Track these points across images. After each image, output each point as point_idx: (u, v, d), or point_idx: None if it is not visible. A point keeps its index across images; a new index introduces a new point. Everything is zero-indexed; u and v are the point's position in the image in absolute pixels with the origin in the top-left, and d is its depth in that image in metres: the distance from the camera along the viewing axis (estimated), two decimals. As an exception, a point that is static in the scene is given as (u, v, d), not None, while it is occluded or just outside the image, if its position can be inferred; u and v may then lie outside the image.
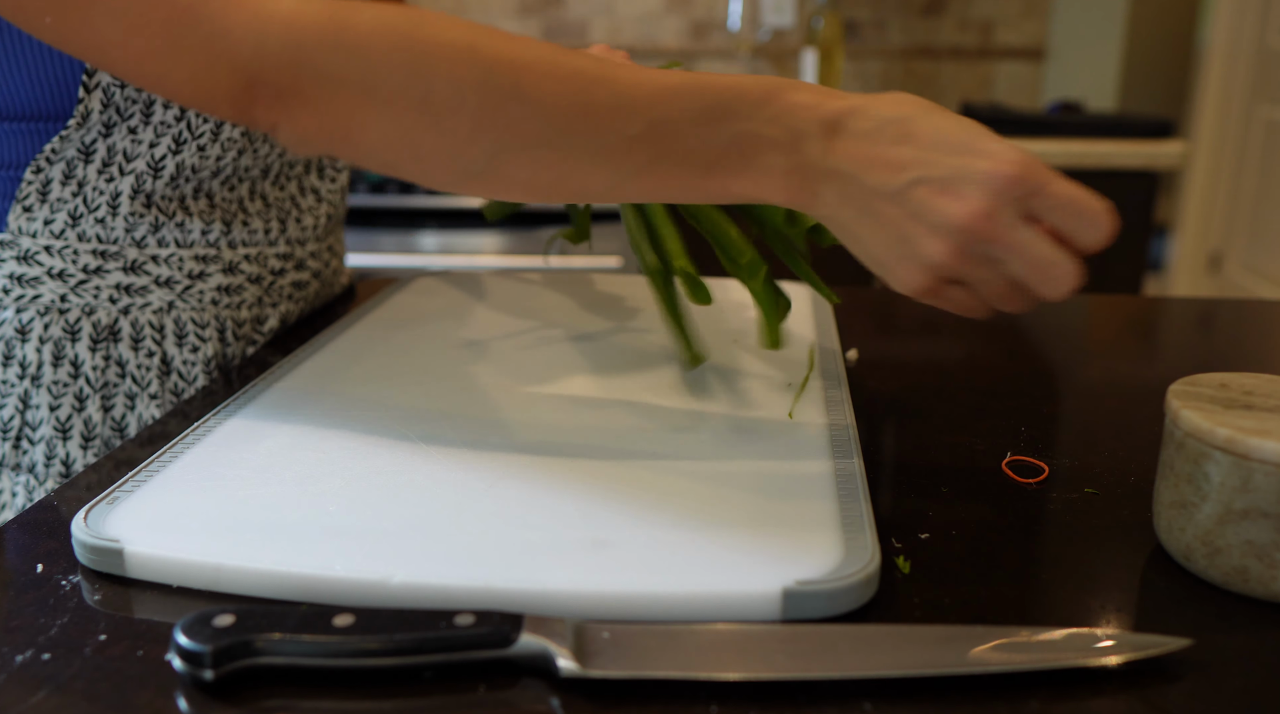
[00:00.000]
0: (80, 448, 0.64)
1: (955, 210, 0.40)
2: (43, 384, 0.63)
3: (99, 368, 0.63)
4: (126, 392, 0.64)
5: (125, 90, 0.58)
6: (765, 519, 0.42)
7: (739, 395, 0.57)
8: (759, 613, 0.37)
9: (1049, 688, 0.33)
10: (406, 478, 0.46)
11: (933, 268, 0.42)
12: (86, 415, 0.64)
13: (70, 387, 0.63)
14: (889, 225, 0.42)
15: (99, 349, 0.63)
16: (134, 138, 0.60)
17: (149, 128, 0.60)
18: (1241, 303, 0.86)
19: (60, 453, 0.64)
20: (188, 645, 0.33)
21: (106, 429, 0.64)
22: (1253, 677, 0.34)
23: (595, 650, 0.34)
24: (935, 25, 2.32)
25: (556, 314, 0.74)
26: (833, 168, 0.43)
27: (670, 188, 0.45)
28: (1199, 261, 3.14)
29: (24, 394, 0.63)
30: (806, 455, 0.48)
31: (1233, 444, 0.38)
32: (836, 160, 0.43)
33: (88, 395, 0.64)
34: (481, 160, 0.44)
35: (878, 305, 0.86)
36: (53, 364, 0.63)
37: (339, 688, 0.33)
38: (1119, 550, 0.43)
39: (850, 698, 0.33)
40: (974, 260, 0.42)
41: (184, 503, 0.43)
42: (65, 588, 0.39)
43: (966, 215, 0.40)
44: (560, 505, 0.43)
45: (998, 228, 0.40)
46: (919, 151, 0.42)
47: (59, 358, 0.63)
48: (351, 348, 0.65)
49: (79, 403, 0.64)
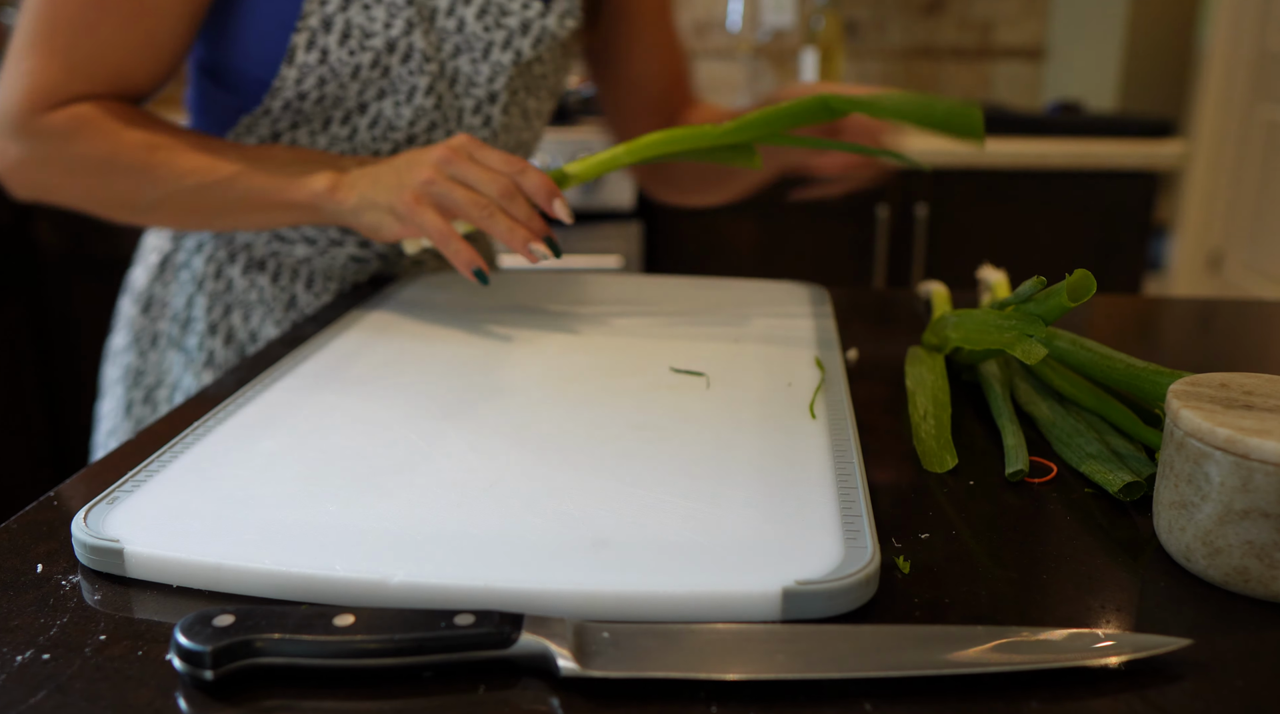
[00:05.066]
0: (223, 345, 0.84)
1: (429, 155, 0.66)
2: (205, 291, 0.84)
3: (244, 289, 0.84)
4: (260, 312, 0.84)
5: (305, 102, 0.76)
6: (765, 519, 0.42)
7: (739, 395, 0.57)
8: (759, 613, 0.37)
9: (1049, 688, 0.33)
10: (406, 478, 0.46)
11: (422, 183, 0.65)
12: (229, 321, 0.84)
13: (222, 297, 0.84)
14: (387, 178, 0.68)
15: (247, 276, 0.84)
16: (312, 140, 0.79)
17: (325, 135, 0.78)
18: (1241, 303, 0.86)
19: (209, 345, 0.84)
20: (188, 645, 0.33)
21: (243, 335, 0.84)
22: (1253, 677, 0.34)
23: (595, 650, 0.34)
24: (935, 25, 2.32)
25: (557, 314, 0.74)
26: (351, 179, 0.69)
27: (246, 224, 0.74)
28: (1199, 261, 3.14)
29: (190, 294, 0.85)
30: (806, 455, 0.48)
31: (1233, 444, 0.38)
32: (352, 178, 0.69)
33: (233, 306, 0.84)
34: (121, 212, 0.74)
35: (878, 305, 0.86)
36: (214, 277, 0.84)
37: (339, 688, 0.33)
38: (1119, 550, 0.43)
39: (850, 698, 0.33)
40: (449, 179, 0.65)
41: (184, 503, 0.43)
42: (65, 588, 0.39)
43: (437, 153, 0.66)
44: (560, 505, 0.43)
45: (454, 160, 0.65)
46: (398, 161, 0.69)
47: (219, 274, 0.84)
48: (351, 347, 0.65)
49: (225, 310, 0.84)
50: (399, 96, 0.77)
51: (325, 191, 0.69)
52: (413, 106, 0.77)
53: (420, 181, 0.65)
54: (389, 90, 0.76)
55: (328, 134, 0.78)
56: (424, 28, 0.75)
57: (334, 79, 0.74)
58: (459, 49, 0.77)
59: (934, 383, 0.58)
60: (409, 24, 0.74)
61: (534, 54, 0.78)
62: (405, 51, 0.75)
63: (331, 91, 0.75)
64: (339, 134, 0.78)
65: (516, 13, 0.77)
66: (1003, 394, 0.57)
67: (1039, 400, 0.56)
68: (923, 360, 0.61)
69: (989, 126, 1.84)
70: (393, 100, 0.77)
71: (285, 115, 0.77)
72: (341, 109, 0.77)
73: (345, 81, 0.75)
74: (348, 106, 0.77)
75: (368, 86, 0.76)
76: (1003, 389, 0.57)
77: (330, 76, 0.74)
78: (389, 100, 0.77)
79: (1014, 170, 1.76)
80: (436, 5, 0.75)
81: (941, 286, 0.78)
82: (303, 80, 0.74)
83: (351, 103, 0.77)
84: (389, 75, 0.76)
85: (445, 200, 0.65)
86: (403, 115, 0.77)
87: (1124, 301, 0.90)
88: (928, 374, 0.59)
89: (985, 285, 0.80)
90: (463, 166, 0.65)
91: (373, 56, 0.74)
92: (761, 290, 0.81)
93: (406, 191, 0.66)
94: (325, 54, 0.73)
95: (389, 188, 0.67)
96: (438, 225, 0.65)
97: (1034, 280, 0.53)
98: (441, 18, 0.76)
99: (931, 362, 0.61)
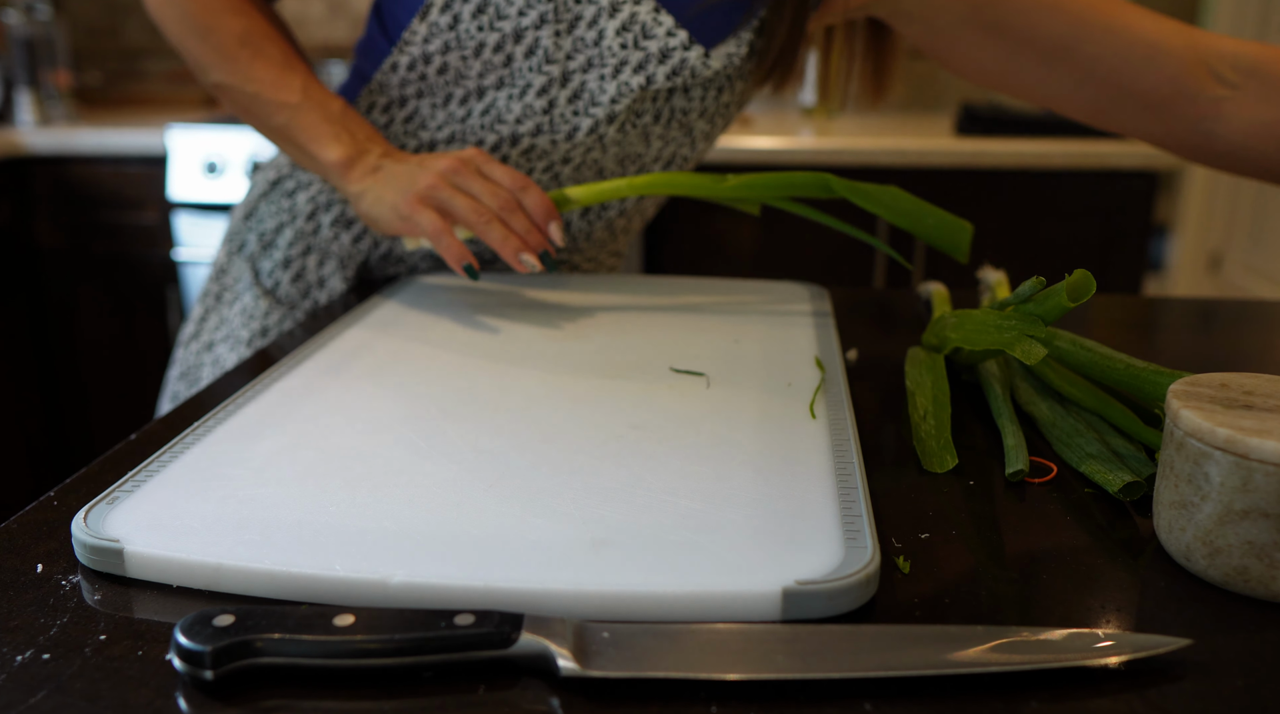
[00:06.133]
0: (290, 282, 0.88)
1: (439, 163, 0.71)
2: (295, 225, 0.88)
3: (329, 239, 0.88)
4: (334, 263, 0.88)
5: (430, 67, 0.79)
6: (765, 519, 0.42)
7: (739, 395, 0.57)
8: (759, 613, 0.37)
9: (1049, 688, 0.33)
10: (406, 478, 0.46)
11: (426, 187, 0.69)
12: (305, 261, 0.88)
13: (306, 237, 0.88)
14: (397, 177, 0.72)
15: (334, 228, 0.87)
16: (432, 113, 0.82)
17: (444, 111, 0.81)
18: (1241, 303, 0.86)
19: (278, 276, 0.89)
20: (188, 645, 0.33)
21: (312, 277, 0.88)
22: (1253, 677, 0.34)
23: (595, 650, 0.34)
24: (935, 25, 2.31)
25: (557, 314, 0.74)
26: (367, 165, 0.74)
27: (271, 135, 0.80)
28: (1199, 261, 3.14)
29: (283, 223, 0.89)
30: (806, 455, 0.48)
31: (1233, 444, 0.38)
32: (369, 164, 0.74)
33: (312, 249, 0.88)
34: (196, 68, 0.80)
35: (878, 305, 0.86)
36: (306, 217, 0.88)
37: (339, 688, 0.33)
38: (1119, 550, 0.43)
39: (850, 698, 0.33)
40: (452, 187, 0.69)
41: (184, 503, 0.43)
42: (65, 588, 0.39)
43: (446, 163, 0.71)
44: (560, 505, 0.43)
45: (461, 171, 0.70)
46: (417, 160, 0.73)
47: (312, 216, 0.88)
48: (351, 347, 0.65)
49: (305, 250, 0.88)
50: (514, 89, 0.78)
51: (338, 164, 0.74)
52: (523, 103, 0.78)
53: (425, 186, 0.70)
54: (507, 81, 0.78)
55: (446, 111, 0.81)
56: (557, 28, 0.75)
57: (458, 49, 0.77)
58: (591, 63, 0.76)
59: (934, 383, 0.58)
60: (541, 19, 0.74)
61: (668, 84, 0.77)
62: (530, 45, 0.76)
63: (454, 63, 0.78)
64: (455, 113, 0.81)
65: (660, 38, 0.75)
66: (1003, 394, 0.57)
67: (1039, 400, 0.56)
68: (922, 361, 0.61)
69: (989, 126, 1.84)
70: (508, 92, 0.79)
71: (411, 79, 0.80)
72: (462, 88, 0.79)
73: (468, 56, 0.77)
74: (468, 87, 0.79)
75: (488, 71, 0.78)
76: (1003, 389, 0.57)
77: (455, 45, 0.77)
78: (505, 92, 0.79)
79: (1014, 170, 1.76)
80: (581, 14, 0.75)
81: (941, 286, 0.78)
82: (430, 40, 0.77)
83: (472, 84, 0.79)
84: (510, 65, 0.77)
85: (446, 205, 0.69)
86: (512, 110, 0.79)
87: (1124, 301, 0.90)
88: (927, 374, 0.59)
89: (985, 285, 0.80)
90: (468, 178, 0.70)
91: (498, 39, 0.75)
92: (761, 290, 0.81)
93: (411, 193, 0.70)
94: (456, 20, 0.75)
95: (396, 187, 0.71)
96: (434, 223, 0.69)
97: (1033, 280, 0.53)
98: (583, 28, 0.75)
99: (931, 362, 0.61)
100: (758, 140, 1.79)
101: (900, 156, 1.77)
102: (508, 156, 0.80)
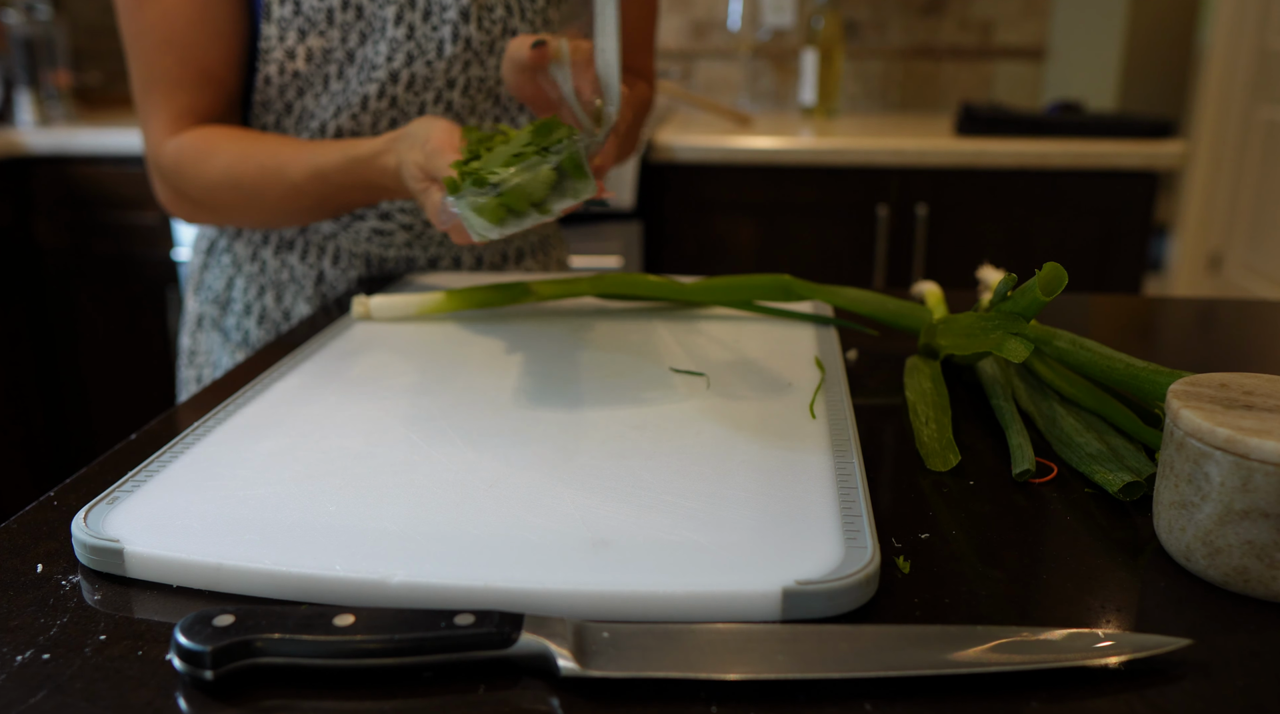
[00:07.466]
0: (257, 325, 0.89)
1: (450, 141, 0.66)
2: (242, 272, 0.89)
3: (276, 269, 0.88)
4: (291, 291, 0.88)
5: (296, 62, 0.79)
6: (765, 519, 0.42)
7: (739, 396, 0.57)
8: (759, 613, 0.37)
9: (1049, 688, 0.33)
10: (406, 478, 0.46)
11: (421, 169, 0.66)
12: (263, 301, 0.89)
13: (257, 278, 0.89)
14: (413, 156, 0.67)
15: (278, 256, 0.88)
16: (317, 103, 0.81)
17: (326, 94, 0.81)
18: (1241, 303, 0.86)
19: (244, 325, 0.89)
20: (188, 645, 0.33)
21: (276, 315, 0.89)
22: (1253, 677, 0.34)
23: (595, 650, 0.34)
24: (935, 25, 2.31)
25: (557, 314, 0.74)
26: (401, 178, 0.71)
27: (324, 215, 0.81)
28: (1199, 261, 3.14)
29: (230, 276, 0.90)
30: (806, 455, 0.48)
31: (1233, 444, 0.38)
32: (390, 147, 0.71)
33: (266, 287, 0.89)
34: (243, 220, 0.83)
35: (878, 305, 0.86)
36: (250, 259, 0.89)
37: (339, 688, 0.33)
38: (1119, 550, 0.43)
39: (850, 698, 0.33)
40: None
41: (184, 503, 0.43)
42: (65, 588, 0.39)
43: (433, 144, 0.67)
44: (560, 505, 0.43)
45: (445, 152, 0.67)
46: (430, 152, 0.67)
47: (255, 256, 0.89)
48: (351, 348, 0.65)
49: (259, 291, 0.89)
50: (375, 35, 0.79)
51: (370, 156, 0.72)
52: (387, 41, 0.79)
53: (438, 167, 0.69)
54: (368, 33, 0.79)
55: (328, 93, 0.81)
56: None
57: (312, 29, 0.78)
58: None
59: (932, 390, 0.58)
60: None
61: None
62: None
63: (316, 45, 0.78)
64: (335, 89, 0.80)
65: None
66: (1004, 395, 0.57)
67: (1039, 400, 0.56)
68: (920, 370, 0.61)
69: (989, 127, 1.84)
70: (372, 41, 0.79)
71: (287, 82, 0.80)
72: (334, 63, 0.80)
73: (324, 29, 0.78)
74: (338, 59, 0.79)
75: (349, 32, 0.78)
76: (1004, 390, 0.57)
77: (309, 27, 0.78)
78: (369, 42, 0.79)
79: (1014, 170, 1.76)
80: None
81: (934, 287, 0.78)
82: (285, 36, 0.78)
83: (340, 54, 0.79)
84: (363, 15, 0.78)
85: None
86: (380, 51, 0.79)
87: (1124, 301, 0.90)
88: (926, 383, 0.59)
89: (985, 285, 0.80)
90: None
91: None
92: (761, 290, 0.81)
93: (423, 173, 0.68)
94: (299, 4, 0.77)
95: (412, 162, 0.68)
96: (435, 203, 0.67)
97: (1005, 278, 0.53)
98: None
99: (929, 370, 0.61)
100: (757, 140, 1.79)
101: (900, 156, 1.77)
102: (395, 97, 0.80)
